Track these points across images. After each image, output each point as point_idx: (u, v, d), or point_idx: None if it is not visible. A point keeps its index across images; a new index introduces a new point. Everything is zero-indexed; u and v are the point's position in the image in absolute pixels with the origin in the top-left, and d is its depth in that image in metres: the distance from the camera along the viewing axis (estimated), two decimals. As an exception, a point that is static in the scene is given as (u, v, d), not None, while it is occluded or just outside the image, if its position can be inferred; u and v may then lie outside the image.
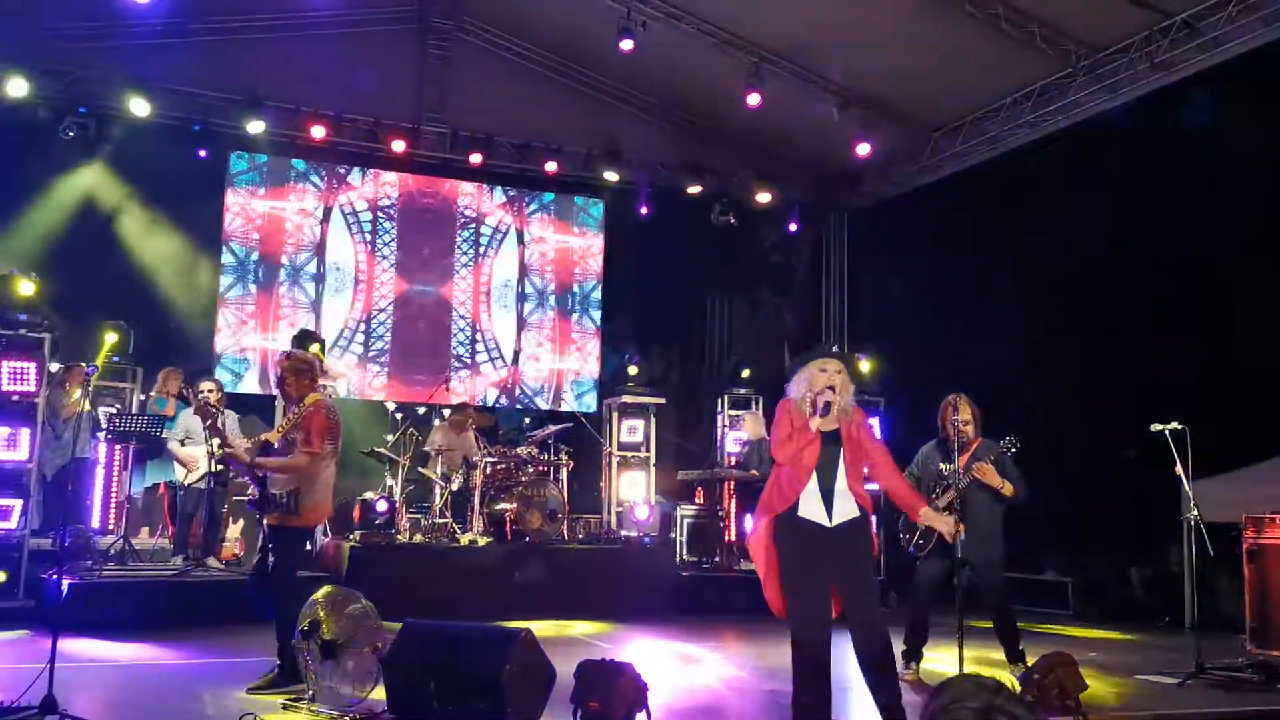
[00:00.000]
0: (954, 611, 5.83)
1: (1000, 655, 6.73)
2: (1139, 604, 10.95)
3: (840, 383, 4.73)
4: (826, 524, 4.64)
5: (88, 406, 9.58)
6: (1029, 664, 6.04)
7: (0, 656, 6.96)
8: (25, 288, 8.81)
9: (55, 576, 7.51)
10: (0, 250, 10.61)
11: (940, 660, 6.94)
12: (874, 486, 5.13)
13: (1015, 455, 6.62)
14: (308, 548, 9.06)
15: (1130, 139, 10.73)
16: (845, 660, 4.72)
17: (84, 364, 9.59)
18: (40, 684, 4.85)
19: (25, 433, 8.61)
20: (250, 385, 12.26)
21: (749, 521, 10.94)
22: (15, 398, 8.60)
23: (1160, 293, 10.58)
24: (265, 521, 5.89)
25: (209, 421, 6.66)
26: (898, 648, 5.80)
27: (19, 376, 8.62)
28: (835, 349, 4.91)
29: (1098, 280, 11.11)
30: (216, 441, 8.98)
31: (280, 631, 5.73)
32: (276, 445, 5.85)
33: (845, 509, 4.68)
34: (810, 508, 4.66)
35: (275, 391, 6.40)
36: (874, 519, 4.86)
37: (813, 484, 4.67)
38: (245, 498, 5.87)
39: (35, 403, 8.68)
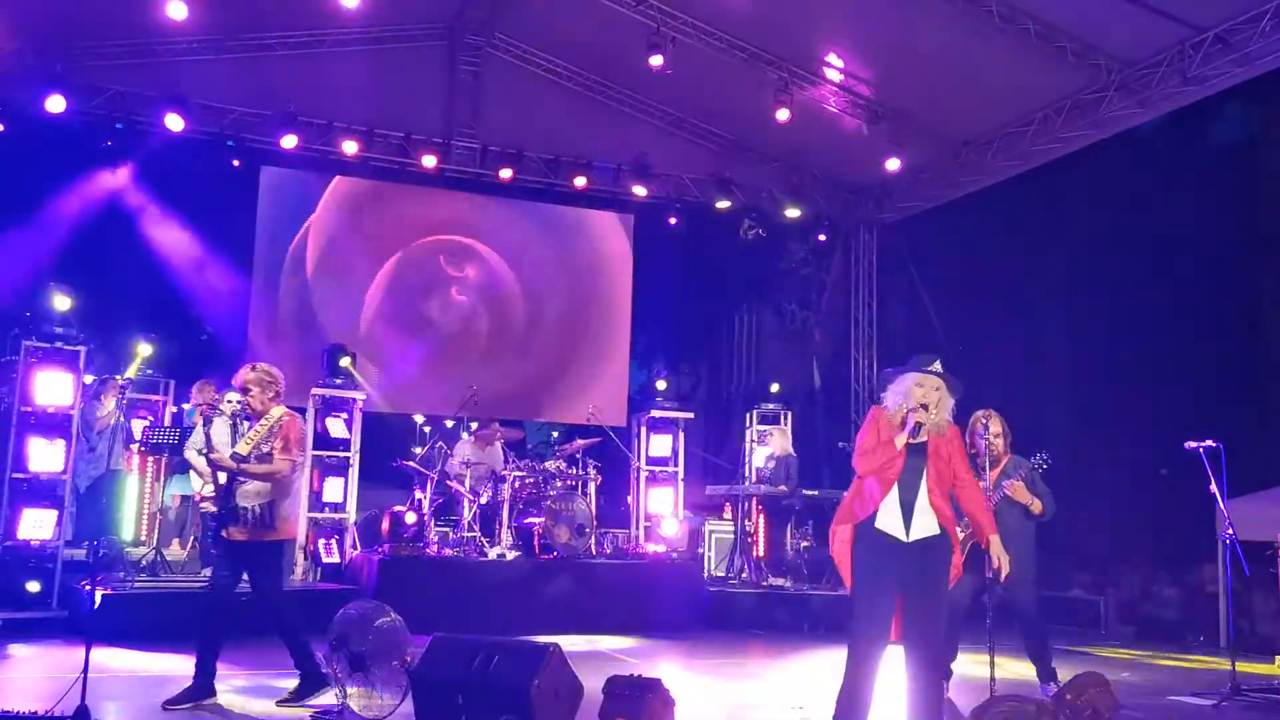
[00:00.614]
0: (984, 629, 5.76)
1: (1031, 674, 6.65)
2: (1173, 623, 10.80)
3: (936, 400, 4.63)
4: (903, 538, 4.55)
5: (121, 418, 9.72)
6: (1061, 683, 5.97)
7: (34, 666, 7.05)
8: (61, 302, 8.93)
9: (88, 587, 7.57)
10: (36, 264, 10.76)
11: (970, 679, 6.86)
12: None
13: (1045, 473, 6.55)
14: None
15: (1163, 153, 10.65)
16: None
17: (118, 376, 9.72)
18: (73, 694, 4.90)
19: (61, 444, 8.72)
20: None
21: (776, 538, 10.99)
22: (51, 410, 8.72)
23: (1195, 309, 10.47)
24: (230, 537, 5.66)
25: (206, 427, 6.58)
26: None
27: (55, 389, 8.74)
28: (936, 365, 4.77)
29: (1130, 296, 11.01)
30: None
31: (293, 644, 5.72)
32: (249, 455, 5.66)
33: (924, 525, 4.57)
34: (888, 520, 4.57)
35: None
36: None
37: (893, 496, 4.57)
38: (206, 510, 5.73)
39: (70, 415, 8.79)
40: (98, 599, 7.72)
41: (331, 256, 12.96)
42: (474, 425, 11.24)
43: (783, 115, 11.47)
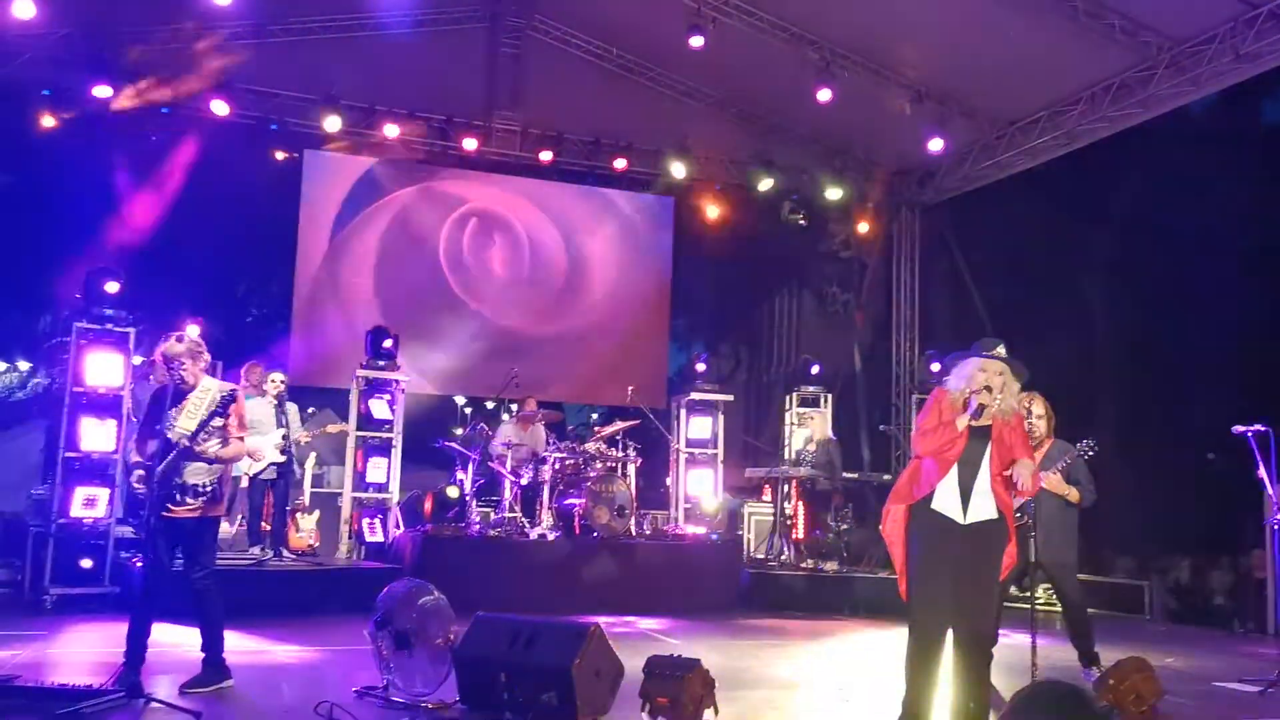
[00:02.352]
0: (1026, 613, 5.73)
1: (1074, 658, 6.60)
2: (1219, 609, 10.68)
3: (999, 384, 4.58)
4: (960, 520, 4.53)
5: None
6: (1103, 667, 5.93)
7: (87, 642, 7.23)
8: (111, 285, 9.09)
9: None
10: (86, 247, 10.96)
11: (1012, 663, 6.82)
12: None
13: (1089, 459, 6.48)
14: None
15: (1214, 132, 10.45)
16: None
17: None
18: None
19: (112, 424, 8.90)
20: (325, 378, 12.51)
21: (815, 520, 10.98)
22: (102, 390, 8.90)
23: (1244, 290, 10.30)
24: (174, 515, 5.42)
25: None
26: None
27: (106, 370, 8.92)
28: (1000, 349, 4.71)
29: (1179, 277, 10.85)
30: (281, 432, 9.23)
31: (214, 628, 5.59)
32: (196, 431, 5.40)
33: (982, 508, 4.55)
34: (945, 501, 4.55)
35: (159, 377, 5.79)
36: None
37: (951, 478, 4.55)
38: (139, 488, 5.36)
39: (121, 395, 8.96)
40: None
41: (373, 239, 13.08)
42: (515, 407, 11.32)
43: (824, 96, 11.37)
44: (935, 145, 12.03)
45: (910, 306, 14.38)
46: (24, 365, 13.13)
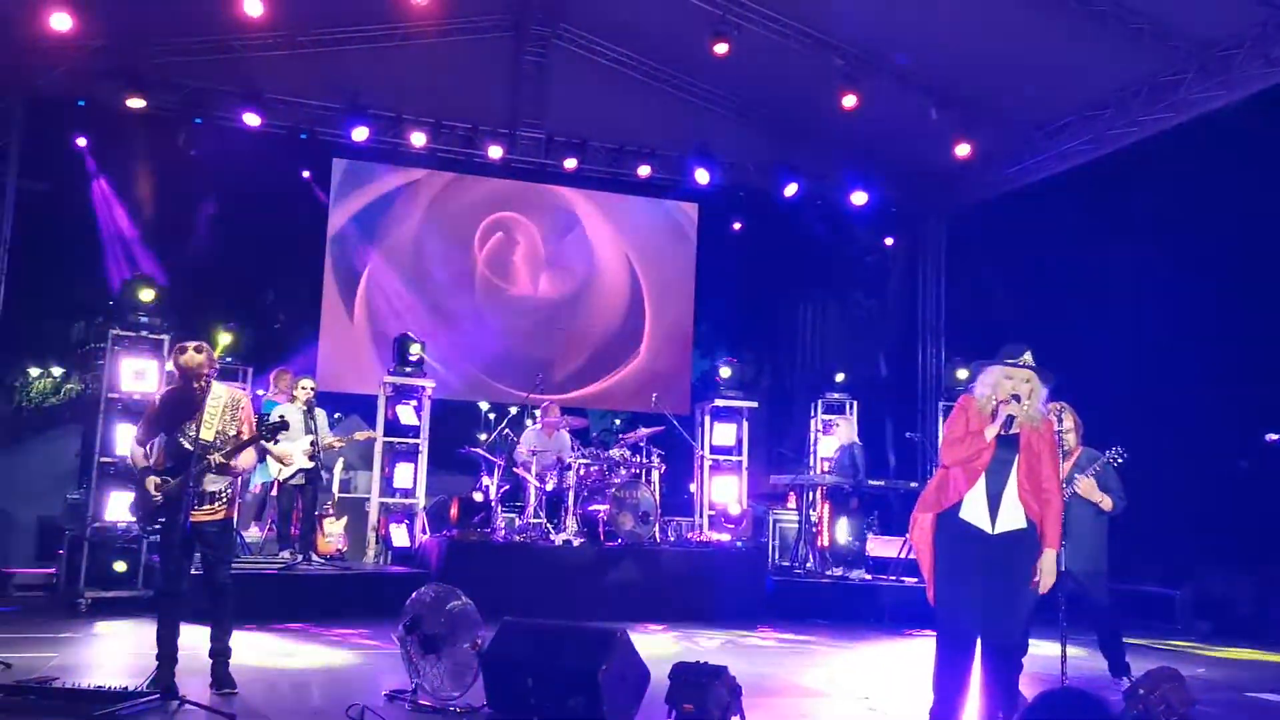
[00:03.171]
0: (1056, 622, 5.70)
1: (1104, 667, 6.56)
2: (1251, 620, 10.54)
3: (1027, 392, 4.56)
4: (988, 531, 4.51)
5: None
6: (1134, 677, 5.88)
7: (122, 644, 7.32)
8: (145, 292, 9.22)
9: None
10: (121, 256, 11.13)
11: (1041, 672, 6.79)
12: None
13: (1119, 466, 6.44)
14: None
15: (1246, 137, 10.34)
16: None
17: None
18: (161, 671, 5.09)
19: (145, 429, 8.99)
20: (352, 385, 12.60)
21: (840, 527, 10.95)
22: (137, 396, 9.02)
23: (1278, 299, 10.18)
24: (197, 520, 5.40)
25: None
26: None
27: (140, 376, 9.04)
28: (1026, 356, 4.68)
29: (1211, 284, 10.72)
30: (310, 438, 9.30)
31: (230, 626, 5.59)
32: (215, 441, 5.48)
33: (1011, 518, 4.52)
34: (973, 511, 4.53)
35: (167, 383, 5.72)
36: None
37: (979, 488, 4.53)
38: (157, 496, 5.38)
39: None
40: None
41: (400, 247, 13.19)
42: (539, 413, 11.38)
43: (849, 101, 11.35)
44: (962, 150, 11.98)
45: (936, 313, 14.32)
46: (58, 371, 13.31)
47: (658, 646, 7.65)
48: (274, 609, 8.16)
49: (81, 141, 11.35)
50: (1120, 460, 6.40)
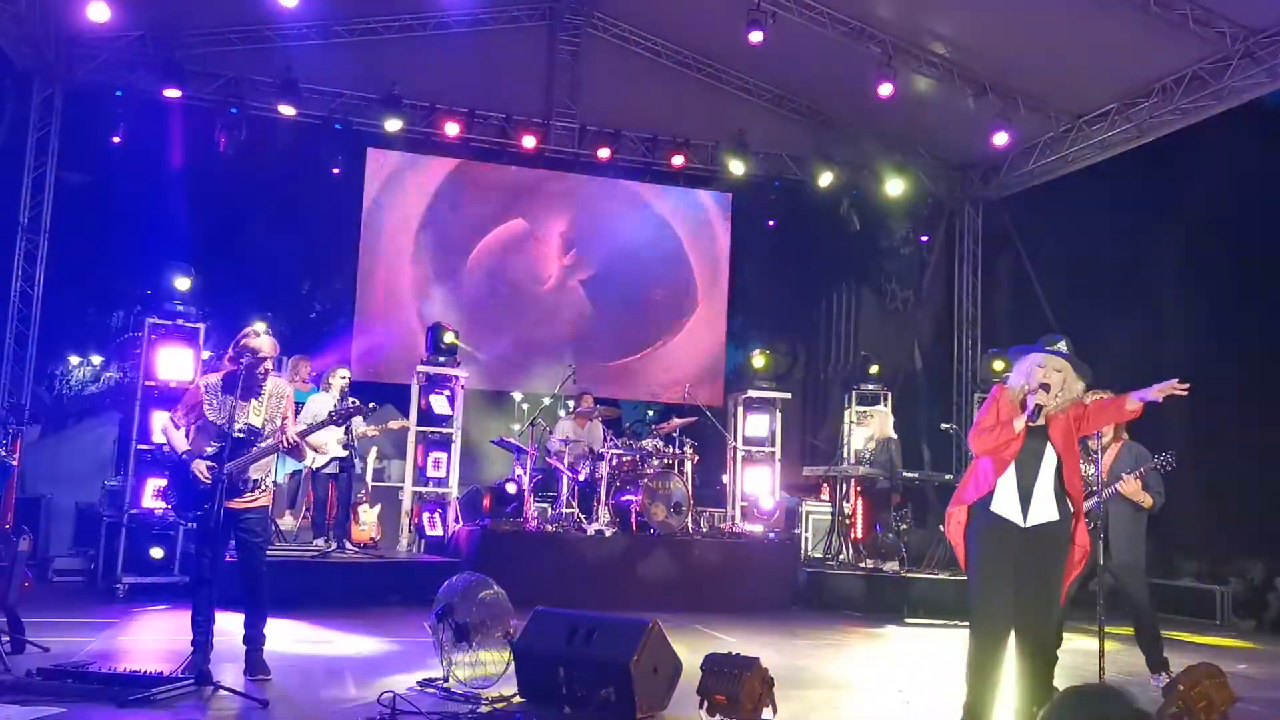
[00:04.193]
0: (1094, 617, 5.62)
1: (1142, 663, 6.47)
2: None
3: (1058, 381, 4.48)
4: (1020, 523, 4.45)
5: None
6: (1173, 673, 5.79)
7: (158, 630, 7.40)
8: (181, 281, 9.30)
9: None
10: (157, 245, 11.22)
11: (1078, 668, 6.70)
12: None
13: (1166, 474, 6.32)
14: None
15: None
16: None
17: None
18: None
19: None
20: (386, 374, 12.67)
21: (874, 520, 10.86)
22: (173, 384, 9.10)
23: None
24: (237, 507, 5.49)
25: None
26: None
27: (176, 364, 9.12)
28: (1061, 345, 4.61)
29: (1255, 274, 10.52)
30: (343, 428, 9.34)
31: (265, 612, 5.63)
32: (263, 428, 5.56)
33: (1044, 510, 4.45)
34: (1004, 503, 4.47)
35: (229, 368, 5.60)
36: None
37: (1009, 479, 4.47)
38: (206, 478, 5.36)
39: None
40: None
41: (434, 236, 13.23)
42: (571, 403, 11.38)
43: (885, 90, 11.23)
44: (1000, 139, 11.83)
45: (973, 304, 14.17)
46: (97, 359, 13.47)
47: (689, 637, 7.63)
48: (308, 596, 8.22)
49: (118, 133, 11.45)
50: (1169, 468, 6.28)
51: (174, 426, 5.63)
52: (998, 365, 11.43)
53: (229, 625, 5.64)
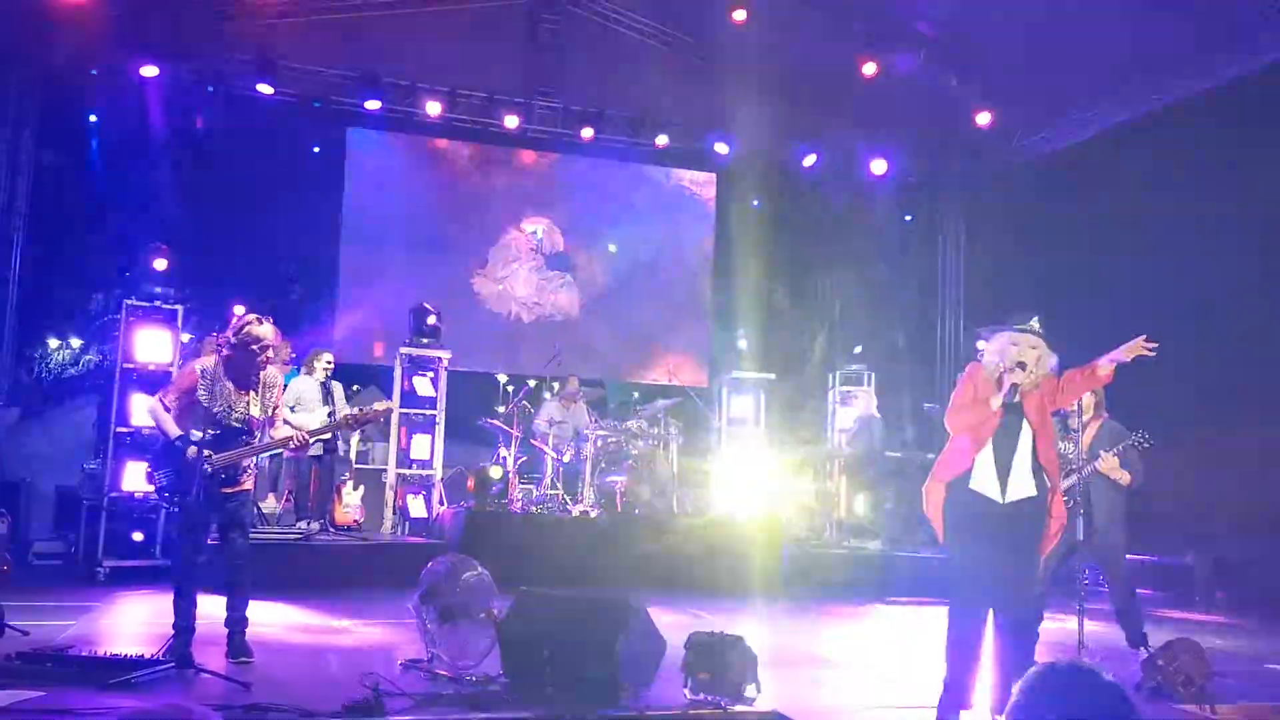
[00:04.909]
0: (1074, 593, 5.66)
1: (1122, 639, 6.52)
2: (1272, 591, 10.46)
3: (1033, 359, 4.49)
4: (998, 500, 4.45)
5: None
6: (1152, 648, 5.84)
7: (139, 613, 7.37)
8: (159, 262, 9.22)
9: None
10: (135, 227, 11.11)
11: (1059, 643, 6.75)
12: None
13: (1143, 450, 6.35)
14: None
15: (1274, 103, 10.14)
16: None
17: (215, 334, 10.03)
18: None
19: (161, 400, 9.01)
20: (368, 356, 12.61)
21: (857, 499, 10.92)
22: (151, 367, 9.03)
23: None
24: (228, 490, 5.48)
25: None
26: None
27: (155, 346, 9.05)
28: (1034, 323, 4.61)
29: (1234, 250, 10.57)
30: (329, 410, 9.33)
31: (248, 596, 5.58)
32: (260, 417, 5.57)
33: (1021, 487, 4.46)
34: (982, 480, 4.47)
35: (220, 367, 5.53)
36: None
37: (987, 456, 4.47)
38: (209, 466, 5.29)
39: (170, 371, 9.09)
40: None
41: (416, 216, 13.13)
42: (556, 385, 11.37)
43: (869, 69, 11.22)
44: (983, 119, 11.84)
45: (956, 284, 14.19)
46: (76, 342, 13.34)
47: (674, 616, 7.65)
48: (291, 579, 8.18)
49: (95, 114, 11.31)
50: (1146, 445, 6.32)
51: (164, 409, 5.53)
52: (982, 344, 11.45)
53: (211, 609, 5.61)
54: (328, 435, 8.82)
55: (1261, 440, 9.82)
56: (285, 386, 9.56)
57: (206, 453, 5.30)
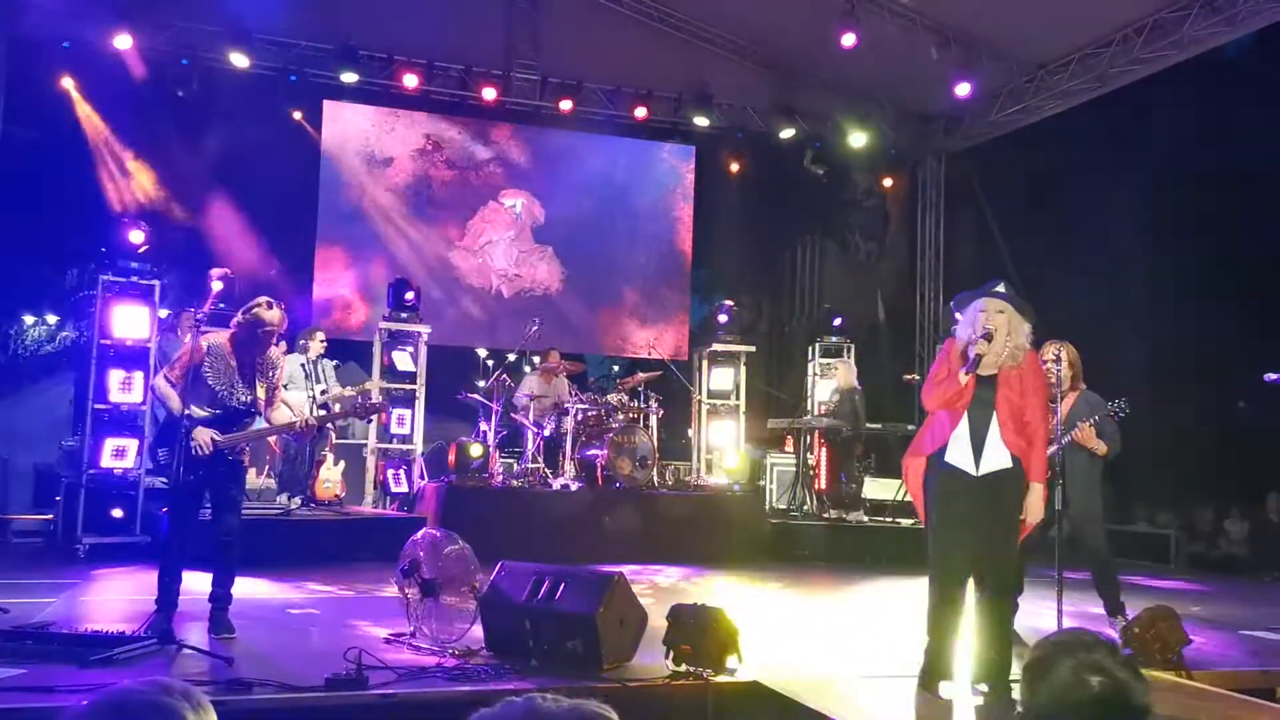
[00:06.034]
0: (1052, 563, 5.71)
1: (1099, 609, 6.59)
2: (1245, 558, 10.62)
3: (1002, 324, 4.43)
4: (973, 472, 4.46)
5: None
6: (1129, 617, 5.91)
7: (119, 590, 7.35)
8: (136, 235, 9.11)
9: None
10: (113, 201, 10.99)
11: (1038, 614, 6.82)
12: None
13: (1120, 419, 6.40)
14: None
15: (1250, 73, 10.20)
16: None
17: (192, 309, 9.96)
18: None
19: (139, 376, 8.95)
20: (347, 331, 12.54)
21: (838, 471, 10.96)
22: (129, 343, 8.95)
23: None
24: (221, 469, 5.48)
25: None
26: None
27: (132, 322, 8.97)
28: (1000, 287, 4.57)
29: (1211, 222, 10.65)
30: (320, 388, 9.31)
31: (234, 572, 5.54)
32: (263, 398, 5.61)
33: (995, 458, 4.46)
34: (958, 453, 4.48)
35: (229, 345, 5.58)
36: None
37: (963, 429, 4.46)
38: (242, 443, 5.41)
39: (148, 347, 9.02)
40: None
41: (393, 190, 13.04)
42: (537, 359, 11.34)
43: (848, 41, 11.16)
44: (962, 90, 11.82)
45: (935, 255, 14.24)
46: (52, 319, 13.23)
47: (655, 589, 7.69)
48: (272, 553, 8.15)
49: (68, 84, 11.15)
50: (1124, 413, 6.36)
51: (168, 384, 5.49)
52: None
53: (193, 584, 5.59)
54: (300, 403, 8.82)
55: (1238, 408, 9.94)
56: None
57: (213, 434, 5.30)
